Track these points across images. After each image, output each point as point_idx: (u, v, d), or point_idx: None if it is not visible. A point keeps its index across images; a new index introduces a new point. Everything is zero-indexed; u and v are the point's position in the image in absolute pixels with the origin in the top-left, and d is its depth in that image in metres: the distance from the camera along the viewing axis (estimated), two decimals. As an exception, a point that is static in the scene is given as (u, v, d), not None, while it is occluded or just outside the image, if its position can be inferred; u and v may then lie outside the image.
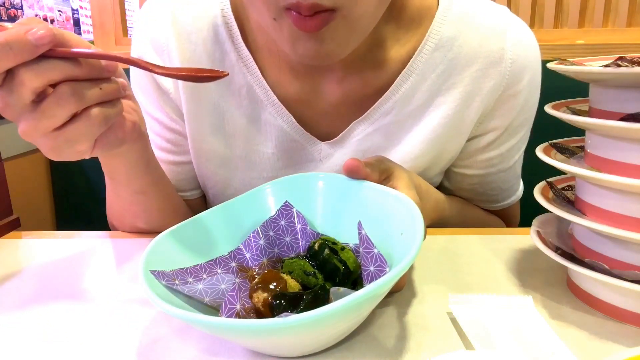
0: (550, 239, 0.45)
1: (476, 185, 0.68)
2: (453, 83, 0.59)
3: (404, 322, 0.41)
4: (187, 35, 0.59)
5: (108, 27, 1.18)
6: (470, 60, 0.59)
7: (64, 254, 0.56)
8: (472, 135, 0.64)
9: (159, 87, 0.61)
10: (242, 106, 0.60)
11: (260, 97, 0.60)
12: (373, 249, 0.40)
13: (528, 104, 0.63)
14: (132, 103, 0.50)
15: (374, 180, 0.46)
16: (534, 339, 0.37)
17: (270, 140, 0.62)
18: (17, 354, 0.38)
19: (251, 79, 0.59)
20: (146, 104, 0.63)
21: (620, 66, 0.36)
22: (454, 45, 0.58)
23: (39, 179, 1.04)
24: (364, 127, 0.61)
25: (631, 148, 0.38)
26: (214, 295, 0.40)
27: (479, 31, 0.59)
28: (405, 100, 0.59)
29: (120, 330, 0.41)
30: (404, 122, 0.61)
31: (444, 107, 0.60)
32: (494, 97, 0.60)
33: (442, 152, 0.62)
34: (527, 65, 0.60)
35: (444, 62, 0.59)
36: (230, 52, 0.59)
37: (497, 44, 0.59)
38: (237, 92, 0.60)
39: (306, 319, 0.29)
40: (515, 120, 0.63)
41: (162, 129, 0.64)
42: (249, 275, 0.42)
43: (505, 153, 0.65)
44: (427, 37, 0.58)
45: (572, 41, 1.11)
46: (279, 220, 0.46)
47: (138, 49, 0.62)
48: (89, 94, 0.40)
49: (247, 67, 0.59)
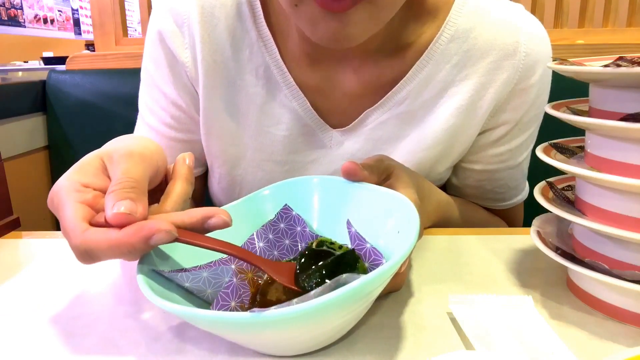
0: (550, 239, 0.45)
1: (484, 181, 0.68)
2: (467, 74, 0.60)
3: (404, 322, 0.41)
4: (211, 8, 0.59)
5: (108, 27, 1.18)
6: (485, 52, 0.59)
7: (64, 254, 0.56)
8: (484, 128, 0.64)
9: (175, 61, 0.61)
10: (258, 85, 0.61)
11: (277, 78, 0.60)
12: (365, 245, 0.40)
13: (539, 99, 0.63)
14: None
15: (373, 182, 0.46)
16: (534, 339, 0.37)
17: (283, 123, 0.62)
18: (17, 353, 0.38)
19: (269, 59, 0.60)
20: (156, 76, 0.63)
21: (620, 66, 0.36)
22: (470, 37, 0.59)
23: (39, 179, 1.04)
24: (376, 116, 0.61)
25: (631, 148, 0.38)
26: (217, 287, 0.40)
27: (495, 24, 0.59)
28: (419, 90, 0.60)
29: (119, 330, 0.41)
30: (417, 112, 0.61)
31: (458, 97, 0.60)
32: (507, 89, 0.61)
33: (453, 143, 0.63)
34: (540, 60, 0.61)
35: (459, 53, 0.59)
36: (251, 30, 0.59)
37: (512, 37, 0.59)
38: (254, 71, 0.60)
39: (302, 310, 0.29)
40: (525, 115, 0.63)
41: (167, 104, 0.64)
42: (248, 277, 0.42)
43: (514, 149, 0.66)
44: (443, 28, 0.59)
45: (572, 41, 1.11)
46: (279, 223, 0.46)
47: (157, 20, 0.61)
48: None
49: (267, 47, 0.59)
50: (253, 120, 0.62)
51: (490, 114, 0.62)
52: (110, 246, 0.34)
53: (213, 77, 0.61)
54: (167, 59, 0.62)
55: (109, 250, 0.34)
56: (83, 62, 1.10)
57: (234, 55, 0.60)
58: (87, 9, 4.15)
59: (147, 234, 0.34)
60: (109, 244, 0.34)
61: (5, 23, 3.58)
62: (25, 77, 1.33)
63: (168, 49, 0.61)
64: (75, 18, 4.33)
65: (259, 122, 0.62)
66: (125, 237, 0.34)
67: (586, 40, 1.11)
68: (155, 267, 0.38)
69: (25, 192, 0.98)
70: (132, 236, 0.34)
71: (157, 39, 0.62)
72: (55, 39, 4.45)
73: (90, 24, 2.12)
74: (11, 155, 0.95)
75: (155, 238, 0.34)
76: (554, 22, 1.19)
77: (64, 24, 4.26)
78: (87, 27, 4.28)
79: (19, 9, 3.73)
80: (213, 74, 0.60)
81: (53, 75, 1.08)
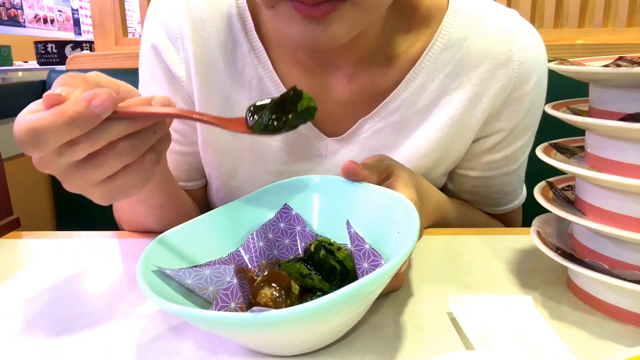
0: (550, 239, 0.45)
1: (479, 187, 0.68)
2: (460, 83, 0.60)
3: (404, 322, 0.41)
4: (201, 23, 0.59)
5: (108, 27, 1.18)
6: (478, 61, 0.59)
7: (64, 254, 0.56)
8: (478, 136, 0.64)
9: (171, 75, 0.61)
10: (252, 98, 0.60)
11: (270, 89, 0.60)
12: (364, 245, 0.40)
13: (534, 106, 0.63)
14: None
15: (373, 182, 0.46)
16: (534, 339, 0.37)
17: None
18: (17, 353, 0.38)
19: (262, 71, 0.59)
20: (156, 91, 0.63)
21: (620, 66, 0.36)
22: (463, 46, 0.59)
23: (39, 179, 1.04)
24: (371, 125, 0.61)
25: (631, 148, 0.38)
26: (218, 285, 0.40)
27: (488, 33, 0.59)
28: (412, 99, 0.60)
29: (119, 329, 0.41)
30: (411, 121, 0.61)
31: (451, 106, 0.60)
32: (500, 98, 0.60)
33: (447, 152, 0.62)
34: (534, 68, 0.60)
35: (452, 62, 0.59)
36: (243, 43, 0.59)
37: (506, 46, 0.59)
38: (248, 84, 0.60)
39: (304, 311, 0.29)
40: (521, 123, 0.63)
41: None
42: (248, 277, 0.42)
43: (509, 156, 0.65)
44: (436, 37, 0.59)
45: (572, 41, 1.10)
46: (278, 222, 0.46)
47: (150, 34, 0.61)
48: (144, 142, 0.39)
49: (259, 59, 0.59)
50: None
51: (484, 122, 0.62)
52: (52, 115, 0.34)
53: (207, 91, 0.60)
54: (164, 73, 0.62)
55: (52, 120, 0.34)
56: (83, 62, 1.10)
57: (227, 69, 0.60)
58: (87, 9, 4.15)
59: (88, 97, 0.34)
60: (52, 114, 0.34)
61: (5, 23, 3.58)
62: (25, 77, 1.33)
63: (164, 63, 0.61)
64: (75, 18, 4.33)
65: None
66: (66, 105, 0.34)
67: (586, 40, 1.11)
68: (156, 266, 0.38)
69: (25, 192, 0.98)
70: (74, 103, 0.34)
71: (152, 52, 0.61)
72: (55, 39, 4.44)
73: (90, 24, 2.12)
74: (11, 155, 0.95)
75: (96, 100, 0.34)
76: (554, 22, 1.19)
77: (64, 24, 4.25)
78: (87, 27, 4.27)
79: (19, 9, 3.73)
80: (207, 88, 0.60)
81: (53, 75, 1.08)
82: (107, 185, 0.38)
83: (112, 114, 0.35)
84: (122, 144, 0.37)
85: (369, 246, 0.39)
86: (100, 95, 0.34)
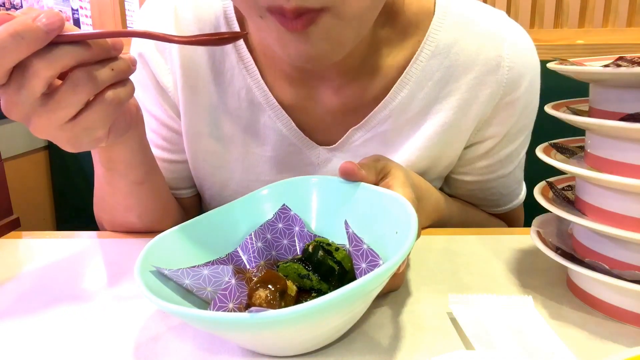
0: (550, 239, 0.45)
1: (476, 190, 0.68)
2: (450, 91, 0.59)
3: (404, 322, 0.41)
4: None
5: (108, 27, 1.18)
6: (467, 68, 0.58)
7: (64, 254, 0.56)
8: (470, 142, 0.63)
9: (158, 83, 0.61)
10: (241, 108, 0.60)
11: (259, 100, 0.60)
12: (362, 245, 0.40)
13: (526, 110, 0.62)
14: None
15: (371, 182, 0.46)
16: (534, 339, 0.37)
17: (268, 144, 0.61)
18: (17, 353, 0.38)
19: (251, 81, 0.59)
20: (144, 100, 0.63)
21: (620, 66, 0.36)
22: (451, 53, 0.58)
23: (39, 179, 1.04)
24: (361, 134, 0.61)
25: (631, 148, 0.38)
26: (216, 285, 0.40)
27: (476, 38, 0.58)
28: (402, 108, 0.59)
29: (118, 329, 0.41)
30: (401, 130, 0.61)
31: (441, 114, 0.60)
32: (491, 105, 0.60)
33: (439, 158, 0.62)
34: (524, 73, 0.60)
35: (440, 70, 0.58)
36: (231, 53, 0.59)
37: (494, 52, 0.58)
38: (236, 94, 0.60)
39: (301, 311, 0.29)
40: (513, 127, 0.62)
41: (159, 126, 0.64)
42: (246, 277, 0.42)
43: (504, 159, 0.65)
44: (423, 44, 0.58)
45: (572, 41, 1.11)
46: (277, 223, 0.46)
47: (138, 43, 0.61)
48: (102, 76, 0.39)
49: (247, 69, 0.59)
50: (239, 143, 0.62)
51: (476, 129, 0.62)
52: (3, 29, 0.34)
53: (194, 102, 0.60)
54: (153, 82, 0.61)
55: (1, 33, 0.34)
56: (83, 62, 1.10)
57: (215, 79, 0.60)
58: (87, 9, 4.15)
59: (35, 15, 0.35)
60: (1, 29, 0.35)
61: (5, 23, 3.59)
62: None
63: (151, 73, 0.61)
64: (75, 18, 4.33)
65: (244, 144, 0.62)
66: (13, 20, 0.35)
67: (586, 40, 1.11)
68: (154, 266, 0.38)
69: (25, 192, 0.98)
70: (20, 19, 0.35)
71: (140, 61, 0.61)
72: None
73: (90, 24, 2.13)
74: (11, 155, 0.95)
75: (41, 16, 0.35)
76: (554, 22, 1.19)
77: (64, 24, 4.26)
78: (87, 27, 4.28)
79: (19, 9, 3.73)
80: (194, 99, 0.60)
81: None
82: (71, 127, 0.39)
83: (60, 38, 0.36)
84: (77, 73, 0.38)
85: (367, 246, 0.39)
86: (47, 13, 0.36)
